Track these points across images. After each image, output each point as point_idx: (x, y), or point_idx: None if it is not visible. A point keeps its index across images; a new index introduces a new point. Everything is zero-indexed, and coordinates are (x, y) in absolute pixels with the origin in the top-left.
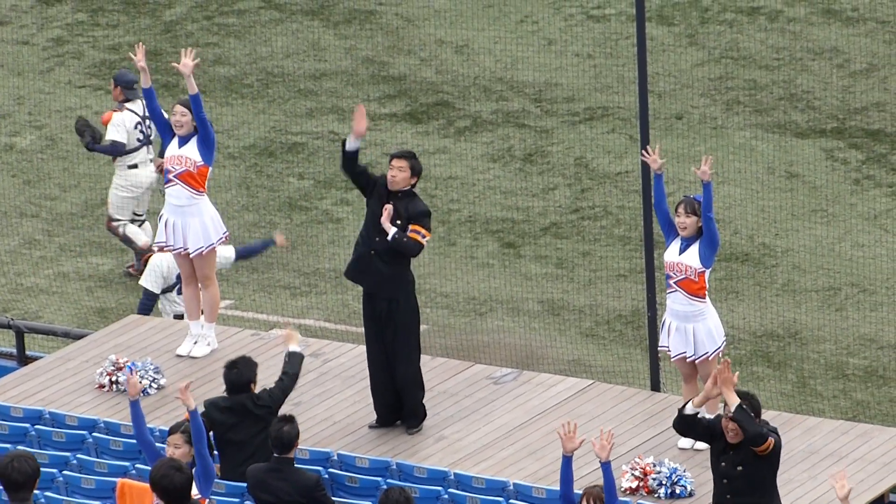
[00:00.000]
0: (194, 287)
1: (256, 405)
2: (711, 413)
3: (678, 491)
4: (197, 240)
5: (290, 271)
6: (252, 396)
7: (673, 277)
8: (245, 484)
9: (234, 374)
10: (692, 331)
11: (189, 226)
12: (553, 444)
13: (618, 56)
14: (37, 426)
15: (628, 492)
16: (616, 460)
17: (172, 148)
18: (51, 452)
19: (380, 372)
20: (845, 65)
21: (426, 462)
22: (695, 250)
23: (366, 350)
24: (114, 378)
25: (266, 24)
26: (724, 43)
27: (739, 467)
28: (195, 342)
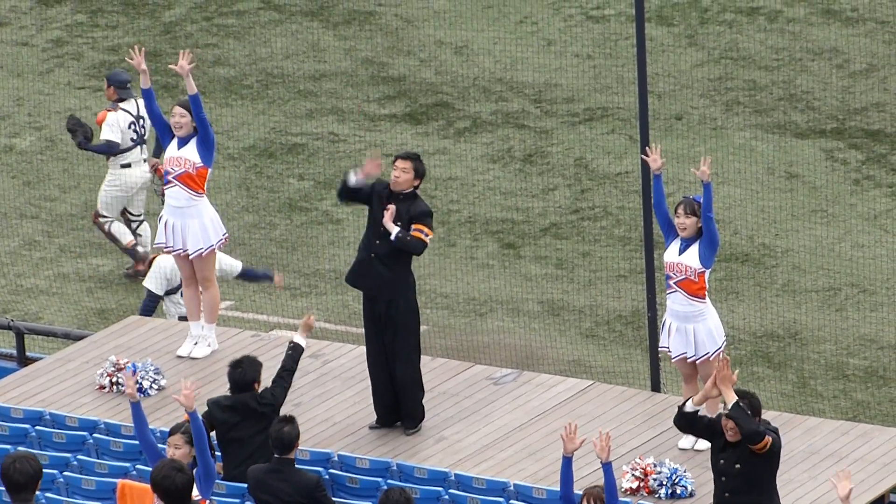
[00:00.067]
0: (194, 288)
1: (260, 404)
2: (712, 413)
3: (679, 491)
4: (196, 241)
5: (291, 272)
6: (255, 396)
7: (673, 278)
8: (246, 485)
9: (239, 374)
10: (692, 331)
11: (189, 227)
12: (553, 445)
13: (617, 56)
14: (37, 427)
15: (629, 492)
16: (616, 461)
17: (172, 149)
18: (51, 453)
19: (380, 373)
20: (845, 65)
21: (426, 463)
22: (694, 251)
23: (366, 351)
24: (114, 379)
25: (265, 25)
26: (724, 43)
27: (737, 465)
28: (195, 343)
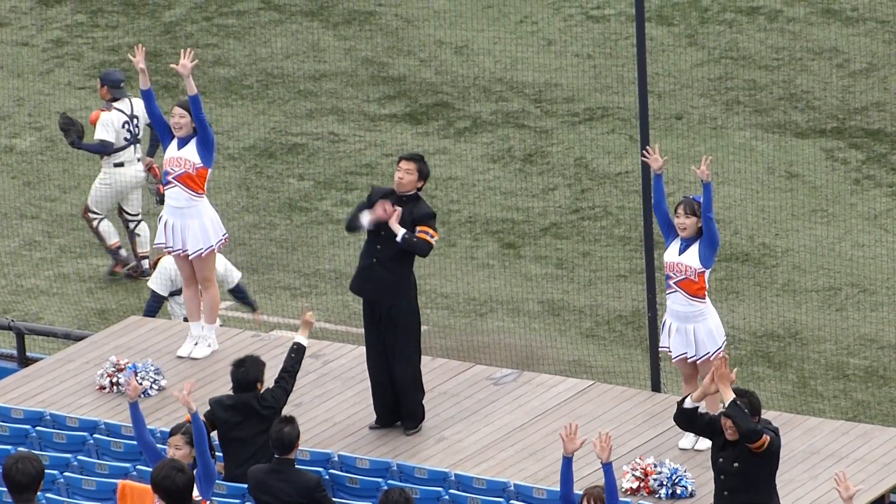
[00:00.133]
0: (194, 288)
1: (261, 405)
2: (714, 411)
3: (679, 491)
4: (196, 241)
5: (290, 272)
6: (257, 396)
7: (673, 278)
8: (246, 485)
9: (241, 373)
10: (693, 331)
11: (188, 227)
12: (553, 445)
13: (617, 56)
14: (37, 427)
15: (629, 492)
16: (617, 461)
17: (172, 150)
18: (51, 454)
19: (380, 373)
20: (845, 65)
21: (427, 463)
22: (694, 251)
23: (365, 352)
24: (114, 379)
25: (265, 25)
26: (724, 43)
27: (736, 464)
28: (196, 343)
